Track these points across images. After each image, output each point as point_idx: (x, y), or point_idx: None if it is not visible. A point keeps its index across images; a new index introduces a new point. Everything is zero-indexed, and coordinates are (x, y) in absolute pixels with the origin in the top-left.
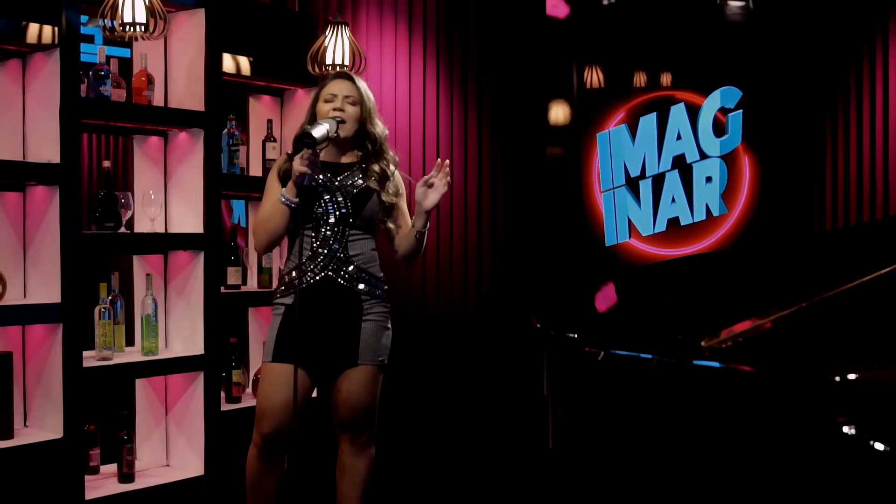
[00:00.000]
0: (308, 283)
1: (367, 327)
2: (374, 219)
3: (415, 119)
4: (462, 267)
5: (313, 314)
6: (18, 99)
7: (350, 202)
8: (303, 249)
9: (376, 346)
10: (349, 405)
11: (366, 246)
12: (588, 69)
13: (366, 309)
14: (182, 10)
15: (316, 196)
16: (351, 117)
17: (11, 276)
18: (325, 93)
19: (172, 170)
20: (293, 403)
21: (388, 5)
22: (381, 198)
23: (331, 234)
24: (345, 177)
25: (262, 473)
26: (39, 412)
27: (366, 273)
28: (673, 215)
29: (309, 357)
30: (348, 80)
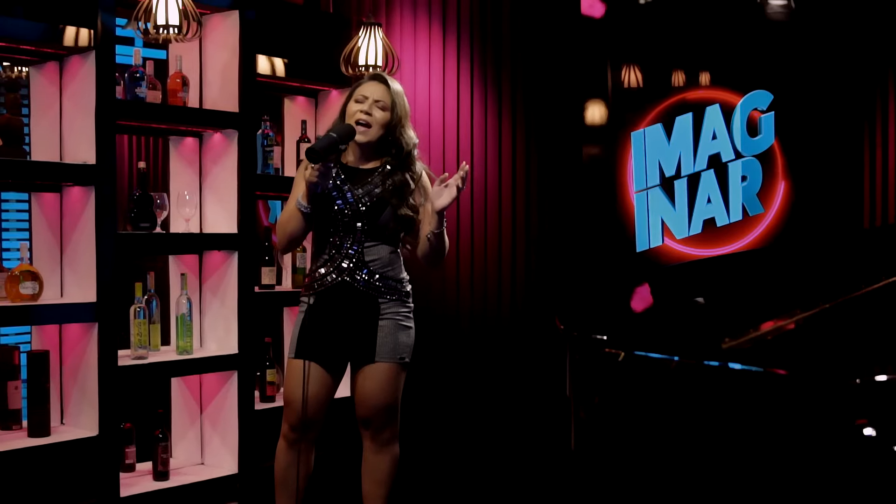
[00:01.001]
0: (326, 285)
1: (385, 325)
2: (387, 228)
3: (448, 120)
4: (496, 267)
5: (331, 314)
6: (55, 101)
7: (365, 210)
8: (322, 254)
9: (394, 344)
10: (367, 402)
11: (383, 251)
12: (623, 68)
13: (383, 309)
14: (216, 13)
15: (332, 203)
16: (377, 122)
17: (49, 276)
18: (357, 93)
19: (207, 170)
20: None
21: (422, 6)
22: (398, 212)
23: (347, 240)
24: (364, 183)
25: (290, 467)
26: (76, 410)
27: (384, 277)
28: (709, 216)
29: (328, 352)
30: (383, 83)
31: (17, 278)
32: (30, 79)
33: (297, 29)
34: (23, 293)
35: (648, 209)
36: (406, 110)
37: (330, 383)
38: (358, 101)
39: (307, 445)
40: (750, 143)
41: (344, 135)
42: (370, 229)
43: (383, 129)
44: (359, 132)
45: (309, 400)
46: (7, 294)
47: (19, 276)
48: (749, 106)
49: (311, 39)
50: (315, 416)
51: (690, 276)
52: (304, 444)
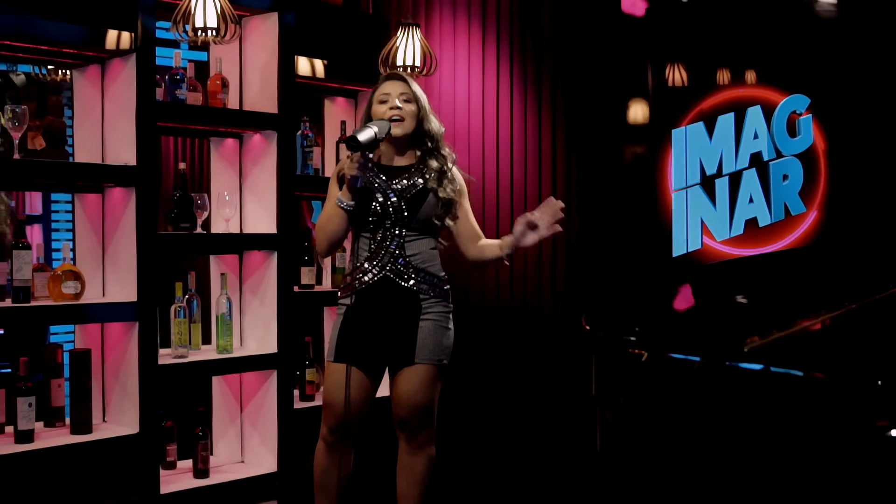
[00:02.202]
0: (367, 283)
1: (425, 326)
2: (431, 219)
3: (488, 120)
4: (536, 268)
5: (372, 314)
6: (98, 103)
7: (406, 204)
8: (361, 251)
9: (434, 346)
10: (406, 404)
11: (424, 245)
12: (664, 67)
13: (424, 308)
14: (256, 15)
15: (372, 199)
16: (408, 115)
17: (91, 275)
18: (378, 94)
19: (247, 171)
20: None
21: (461, 6)
22: (439, 195)
23: (388, 235)
24: (401, 178)
25: (329, 469)
26: (117, 408)
27: (424, 272)
28: (751, 216)
29: (368, 356)
30: (400, 79)
31: (59, 278)
32: (73, 81)
33: (336, 30)
34: (65, 292)
35: (688, 209)
36: (426, 100)
37: (369, 386)
38: (382, 100)
39: (346, 447)
40: (790, 142)
41: (382, 127)
42: (412, 222)
43: (415, 121)
44: (394, 126)
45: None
46: (50, 293)
47: (61, 276)
48: (787, 108)
49: (351, 40)
50: (354, 419)
51: (726, 275)
52: (343, 447)
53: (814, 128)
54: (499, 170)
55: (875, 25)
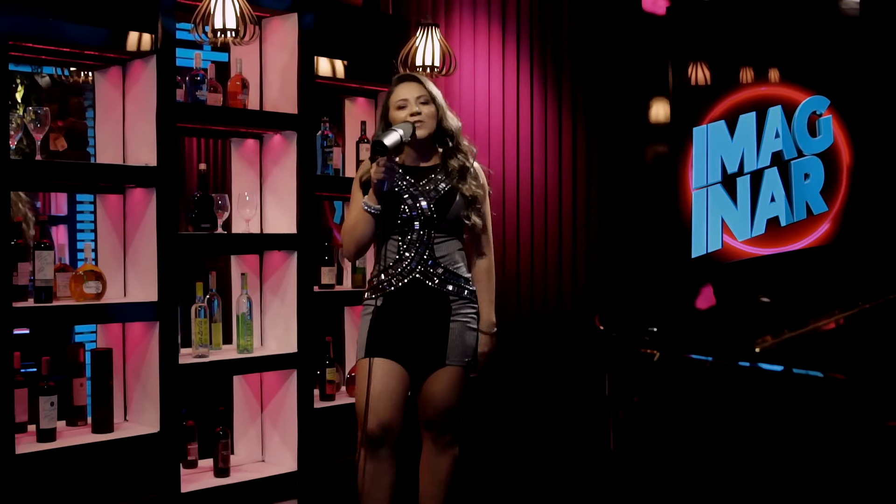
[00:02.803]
0: (396, 286)
1: (455, 328)
2: (459, 220)
3: (508, 120)
4: (556, 268)
5: (402, 316)
6: (119, 104)
7: (434, 206)
8: (389, 254)
9: (463, 347)
10: (434, 405)
11: (452, 247)
12: (685, 65)
13: (454, 309)
14: (276, 16)
15: (400, 202)
16: (428, 116)
17: (112, 275)
18: (394, 100)
19: (267, 171)
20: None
21: (481, 6)
22: (464, 192)
23: (417, 238)
24: (428, 181)
25: (375, 477)
26: (138, 407)
27: (453, 274)
28: (773, 215)
29: (399, 355)
30: (414, 80)
31: (80, 278)
32: (95, 83)
33: (356, 31)
34: (86, 292)
35: (708, 207)
36: (442, 97)
37: (406, 382)
38: (400, 106)
39: (387, 452)
40: (811, 142)
41: (407, 130)
42: (440, 223)
43: (435, 121)
44: (417, 128)
45: (384, 400)
46: (71, 293)
47: (83, 276)
48: (808, 109)
49: (371, 41)
50: (391, 416)
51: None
52: (385, 452)
53: (836, 127)
54: (519, 169)
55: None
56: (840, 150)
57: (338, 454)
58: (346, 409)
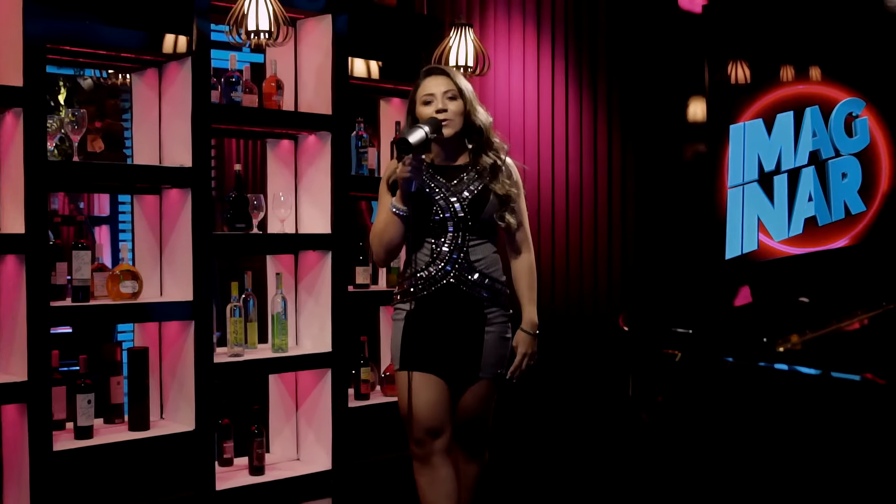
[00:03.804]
0: (429, 291)
1: (490, 339)
2: (493, 220)
3: (543, 119)
4: (592, 267)
5: (435, 322)
6: (155, 106)
7: (468, 207)
8: (422, 258)
9: (497, 359)
10: (465, 416)
11: (487, 250)
12: (722, 64)
13: (489, 318)
14: (310, 17)
15: (430, 203)
16: (455, 113)
17: (149, 275)
18: (421, 95)
19: (302, 172)
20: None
21: (516, 5)
22: (497, 191)
23: (451, 241)
24: (459, 180)
25: (431, 485)
26: (174, 405)
27: (489, 278)
28: (810, 214)
29: (434, 364)
30: (441, 74)
31: (117, 277)
32: (132, 85)
33: (390, 31)
34: (122, 292)
35: (744, 206)
36: (472, 91)
37: (447, 391)
38: (426, 101)
39: (441, 460)
40: (847, 142)
41: (433, 127)
42: (475, 224)
43: (463, 118)
44: (444, 126)
45: (427, 408)
46: (108, 293)
47: (119, 276)
48: (844, 110)
49: (405, 42)
50: (439, 423)
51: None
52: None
53: (875, 127)
54: (554, 169)
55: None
56: (878, 150)
57: (372, 453)
58: (381, 409)
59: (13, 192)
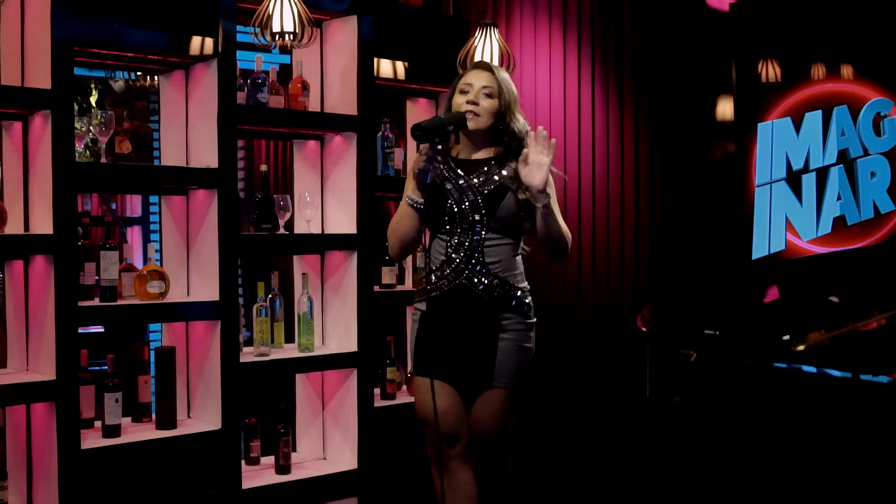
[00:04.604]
0: (442, 290)
1: (504, 347)
2: (510, 219)
3: (570, 119)
4: (619, 268)
5: (447, 324)
6: (182, 107)
7: (483, 202)
8: (436, 255)
9: (513, 369)
10: (479, 428)
11: (505, 252)
12: (751, 62)
13: (504, 325)
14: (336, 18)
15: (446, 196)
16: (485, 110)
17: (176, 275)
18: (461, 83)
19: (328, 172)
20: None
21: (542, 5)
22: (518, 196)
23: (465, 238)
24: (478, 174)
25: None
26: (201, 404)
27: (504, 282)
28: (839, 213)
29: (446, 370)
30: (487, 70)
31: (144, 277)
32: (159, 87)
33: (416, 32)
34: (150, 292)
35: (771, 205)
36: (514, 96)
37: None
38: (463, 91)
39: (459, 464)
40: (876, 141)
41: (453, 119)
42: (491, 221)
43: (493, 118)
44: (468, 119)
45: (442, 413)
46: (136, 293)
47: (147, 276)
48: (872, 110)
49: (431, 42)
50: (454, 429)
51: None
52: (456, 464)
53: None
54: (580, 169)
55: None
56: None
57: (398, 453)
58: (407, 408)
59: (42, 193)
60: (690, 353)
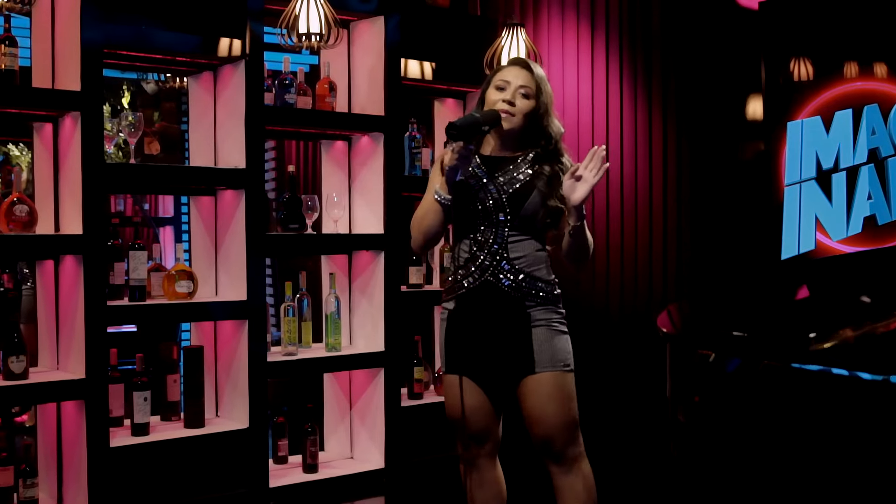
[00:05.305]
0: (467, 287)
1: (539, 333)
2: (535, 218)
3: (598, 118)
4: (646, 268)
5: (475, 321)
6: (210, 109)
7: (507, 200)
8: (462, 252)
9: (553, 351)
10: (539, 420)
11: (529, 247)
12: (780, 61)
13: (533, 316)
14: (363, 19)
15: (471, 193)
16: (520, 111)
17: (204, 275)
18: (497, 79)
19: (356, 172)
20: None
21: (569, 5)
22: (548, 203)
23: (489, 234)
24: (505, 171)
25: (477, 488)
26: (228, 403)
27: (530, 277)
28: (869, 213)
29: (478, 367)
30: (525, 68)
31: (173, 277)
32: (189, 88)
33: (443, 33)
34: (178, 291)
35: (801, 205)
36: (551, 97)
37: (488, 397)
38: (499, 87)
39: (488, 463)
40: None
41: (488, 118)
42: (515, 220)
43: (526, 119)
44: (503, 118)
45: (471, 412)
46: (164, 292)
47: (175, 276)
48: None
49: (459, 42)
50: (483, 428)
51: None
52: (485, 462)
53: None
54: (608, 169)
55: None
56: None
57: (425, 452)
58: (434, 408)
59: (72, 194)
60: (709, 354)
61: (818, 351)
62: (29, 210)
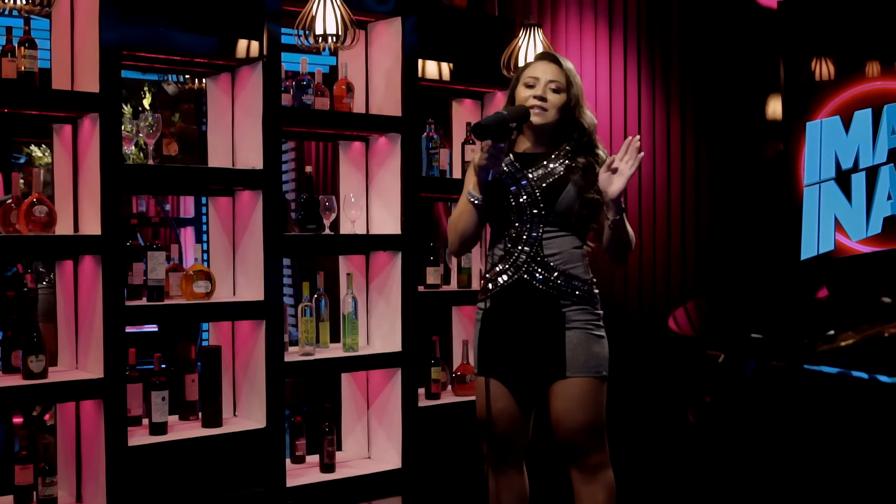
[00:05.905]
0: (501, 285)
1: (573, 336)
2: (570, 213)
3: (616, 119)
4: (665, 268)
5: (509, 321)
6: (228, 110)
7: (541, 195)
8: (496, 251)
9: (587, 356)
10: (565, 424)
11: (565, 244)
12: (799, 60)
13: (568, 317)
14: (381, 20)
15: (505, 191)
16: (553, 106)
17: (222, 275)
18: (526, 75)
19: (373, 173)
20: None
21: (587, 5)
22: (584, 195)
23: (524, 231)
24: (539, 166)
25: (500, 491)
26: (246, 403)
27: (565, 275)
28: (889, 213)
29: (510, 368)
30: (554, 62)
31: (191, 277)
32: (207, 89)
33: (461, 33)
34: (196, 291)
35: (820, 205)
36: (581, 88)
37: (519, 400)
38: (529, 84)
39: (514, 469)
40: None
41: (516, 114)
42: (549, 215)
43: (559, 113)
44: (534, 114)
45: (499, 416)
46: (182, 292)
47: (193, 276)
48: None
49: (476, 43)
50: (511, 433)
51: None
52: (510, 465)
53: None
54: None
55: None
56: None
57: (442, 453)
58: (452, 408)
59: (90, 195)
60: (718, 355)
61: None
62: (48, 210)
